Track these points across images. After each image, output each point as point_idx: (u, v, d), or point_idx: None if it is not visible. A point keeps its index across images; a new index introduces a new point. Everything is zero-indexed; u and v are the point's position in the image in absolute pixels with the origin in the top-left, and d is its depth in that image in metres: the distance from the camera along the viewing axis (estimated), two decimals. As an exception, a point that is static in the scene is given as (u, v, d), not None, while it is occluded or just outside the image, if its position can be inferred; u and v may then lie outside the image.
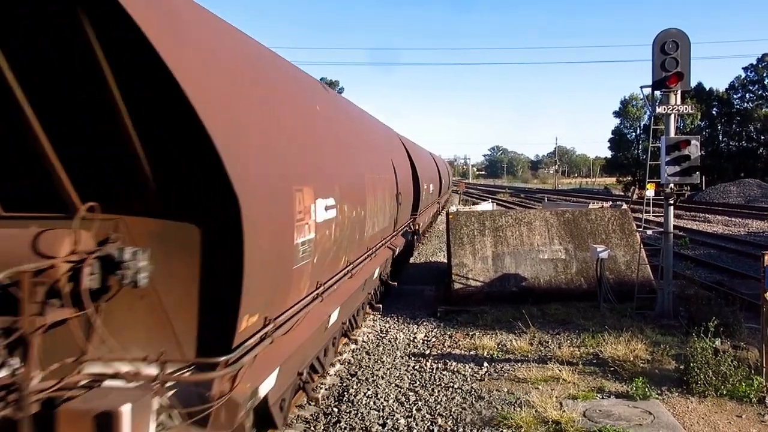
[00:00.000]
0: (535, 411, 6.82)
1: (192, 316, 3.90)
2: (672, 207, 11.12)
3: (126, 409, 3.24)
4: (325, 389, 8.11)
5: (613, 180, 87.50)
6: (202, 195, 3.82)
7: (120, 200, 3.78)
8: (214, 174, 3.57)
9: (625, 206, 14.29)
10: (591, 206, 14.52)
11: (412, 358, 9.32)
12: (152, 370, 3.65)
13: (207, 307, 3.91)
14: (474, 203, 35.14)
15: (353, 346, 9.91)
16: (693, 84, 11.30)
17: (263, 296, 4.36)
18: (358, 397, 7.71)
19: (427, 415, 7.09)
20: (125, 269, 3.48)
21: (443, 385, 8.08)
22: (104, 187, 3.73)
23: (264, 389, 4.65)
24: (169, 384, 3.73)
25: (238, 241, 3.73)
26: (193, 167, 3.73)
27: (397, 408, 7.36)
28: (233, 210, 3.67)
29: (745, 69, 64.30)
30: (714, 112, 65.33)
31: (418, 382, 8.23)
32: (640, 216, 12.33)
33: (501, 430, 6.54)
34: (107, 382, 3.60)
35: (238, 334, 3.93)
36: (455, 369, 8.66)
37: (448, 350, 9.60)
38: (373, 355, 9.52)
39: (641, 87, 11.22)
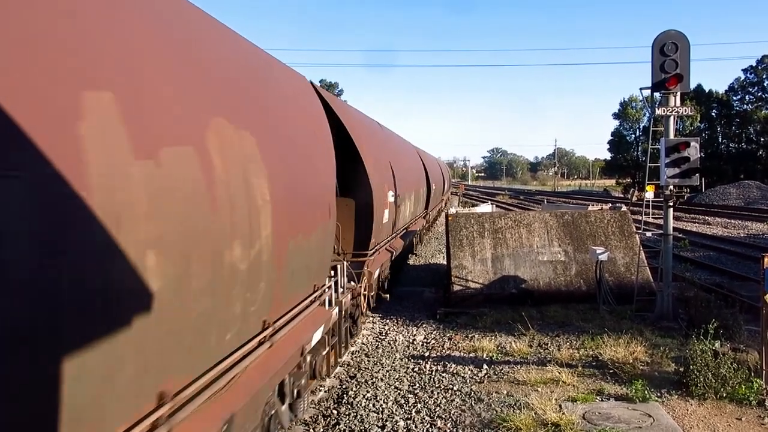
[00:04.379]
0: (535, 413, 6.81)
1: (351, 238, 10.20)
2: (671, 209, 11.10)
3: (345, 263, 8.49)
4: (324, 391, 8.10)
5: (613, 182, 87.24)
6: (357, 189, 10.11)
7: None
8: (365, 180, 10.06)
9: (624, 208, 14.29)
10: (590, 208, 14.52)
11: (412, 360, 9.31)
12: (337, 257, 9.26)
13: (358, 235, 10.27)
14: (473, 205, 35.13)
15: (356, 345, 9.92)
16: (692, 86, 11.25)
17: (376, 234, 10.58)
18: (357, 399, 7.70)
19: (427, 418, 7.08)
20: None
21: (442, 387, 8.07)
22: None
23: (375, 275, 10.74)
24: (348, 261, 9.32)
25: (371, 209, 10.20)
26: (355, 177, 10.04)
27: (396, 410, 7.35)
28: (370, 196, 10.17)
29: (745, 71, 64.30)
30: (713, 114, 65.30)
31: (417, 384, 8.22)
32: (640, 218, 12.32)
33: (500, 432, 6.53)
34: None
35: (370, 246, 10.48)
36: (454, 371, 8.65)
37: (448, 352, 9.59)
38: (373, 357, 9.51)
39: (641, 89, 11.18)
